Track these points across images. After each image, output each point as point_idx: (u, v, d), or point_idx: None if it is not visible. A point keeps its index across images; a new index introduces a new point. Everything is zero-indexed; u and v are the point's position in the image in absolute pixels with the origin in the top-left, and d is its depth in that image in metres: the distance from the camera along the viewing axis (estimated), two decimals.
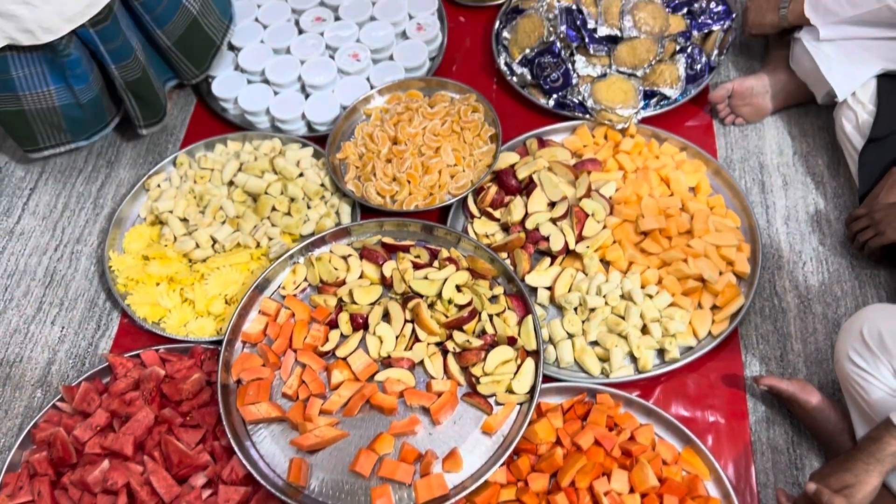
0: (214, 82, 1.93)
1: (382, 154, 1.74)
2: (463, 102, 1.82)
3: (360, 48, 1.93)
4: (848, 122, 1.58)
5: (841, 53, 1.57)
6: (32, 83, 1.61)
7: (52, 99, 1.65)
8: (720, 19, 1.82)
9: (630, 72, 1.77)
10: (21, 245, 1.79)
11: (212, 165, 1.79)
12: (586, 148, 1.75)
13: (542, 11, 1.86)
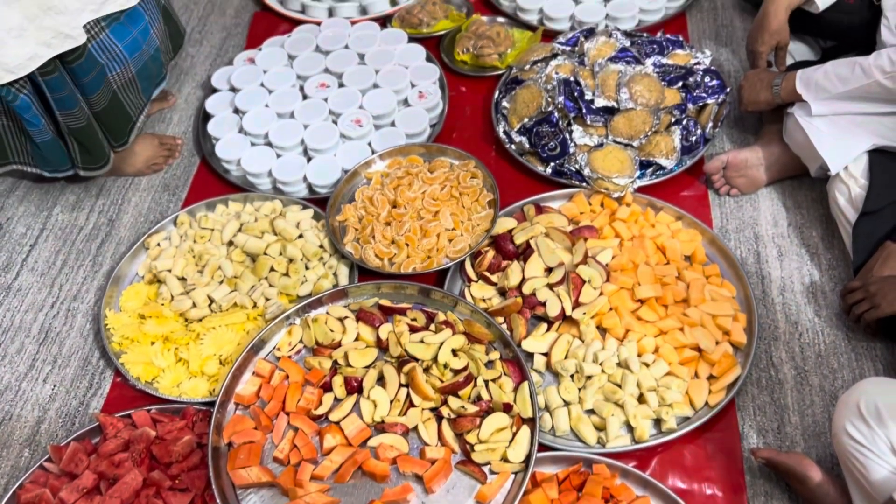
0: (218, 144, 1.96)
1: (382, 217, 1.76)
2: (462, 168, 1.84)
3: (363, 114, 1.97)
4: (841, 195, 1.61)
5: (833, 128, 1.61)
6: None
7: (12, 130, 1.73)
8: (714, 93, 1.86)
9: (626, 142, 1.81)
10: (18, 301, 1.79)
11: (212, 225, 1.80)
12: (583, 215, 1.77)
13: (541, 83, 1.91)
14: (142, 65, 1.83)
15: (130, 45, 1.77)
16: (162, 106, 2.20)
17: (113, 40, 1.73)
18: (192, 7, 2.52)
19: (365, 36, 2.18)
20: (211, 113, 2.05)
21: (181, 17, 2.47)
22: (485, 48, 2.14)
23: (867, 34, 1.71)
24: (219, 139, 1.98)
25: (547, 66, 1.95)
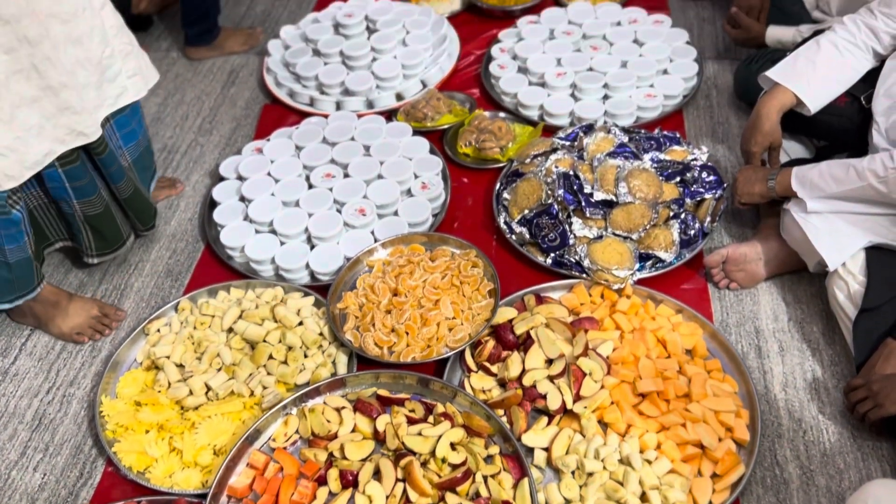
0: (223, 231, 1.99)
1: (382, 305, 1.77)
2: (463, 257, 1.86)
3: (367, 203, 2.01)
4: (840, 291, 1.61)
5: (829, 225, 1.63)
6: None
7: (4, 255, 1.64)
8: (712, 188, 1.90)
9: (625, 235, 1.83)
10: (14, 386, 1.78)
11: (213, 312, 1.81)
12: (583, 306, 1.78)
13: (541, 176, 1.95)
14: (137, 155, 1.89)
15: (128, 136, 1.83)
16: (170, 193, 2.24)
17: (115, 130, 1.79)
18: (204, 98, 2.61)
19: (371, 129, 2.24)
20: (217, 200, 2.09)
21: (193, 107, 2.56)
22: (487, 142, 2.19)
23: (859, 136, 1.76)
24: (224, 226, 2.01)
25: (547, 160, 1.99)
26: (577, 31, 2.49)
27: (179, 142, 2.44)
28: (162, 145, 2.43)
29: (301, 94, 2.47)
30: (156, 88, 2.63)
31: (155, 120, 2.53)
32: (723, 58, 2.51)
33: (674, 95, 2.28)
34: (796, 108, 1.79)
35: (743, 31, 2.26)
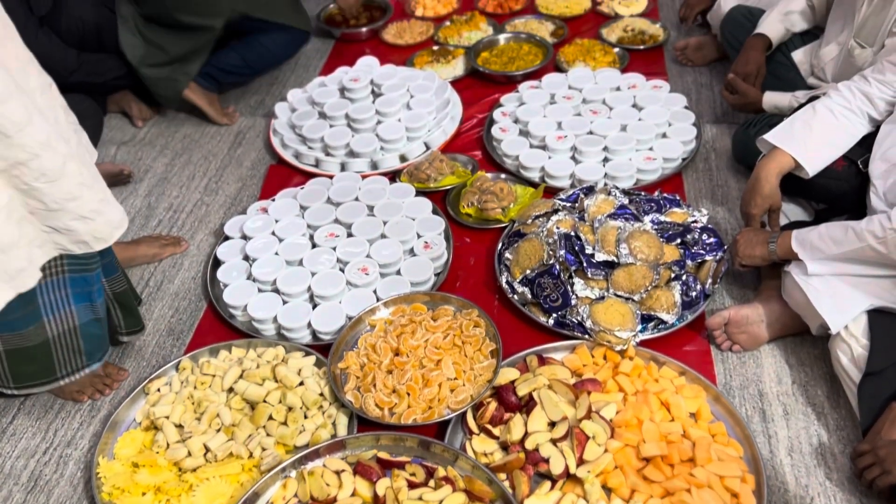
0: (226, 290, 2.00)
1: (384, 365, 1.76)
2: (465, 317, 1.86)
3: (370, 263, 2.02)
4: (843, 354, 1.61)
5: (830, 288, 1.63)
6: (57, 306, 1.63)
7: (73, 319, 1.67)
8: (713, 250, 1.91)
9: (627, 296, 1.83)
10: (10, 446, 1.76)
11: (214, 371, 1.80)
12: (586, 367, 1.77)
13: (543, 236, 1.96)
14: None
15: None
16: (174, 251, 2.26)
17: None
18: (211, 159, 2.65)
19: (375, 189, 2.27)
20: (221, 259, 2.10)
21: (200, 167, 2.60)
22: (489, 202, 2.22)
23: (857, 199, 1.78)
24: (227, 285, 2.02)
25: (548, 221, 2.01)
26: (577, 96, 2.55)
27: (185, 201, 2.47)
28: (168, 204, 2.46)
29: (307, 155, 2.51)
30: (163, 149, 2.71)
31: (162, 180, 2.57)
32: (721, 122, 2.56)
33: (673, 158, 2.32)
34: (795, 171, 1.81)
35: (740, 96, 2.31)
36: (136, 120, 2.83)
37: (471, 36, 3.06)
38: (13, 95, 1.34)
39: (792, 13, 2.33)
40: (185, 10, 2.59)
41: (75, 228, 1.51)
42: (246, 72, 2.82)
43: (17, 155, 1.37)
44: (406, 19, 3.26)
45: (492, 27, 3.13)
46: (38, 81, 1.48)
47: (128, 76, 2.69)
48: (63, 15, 2.53)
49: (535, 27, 3.06)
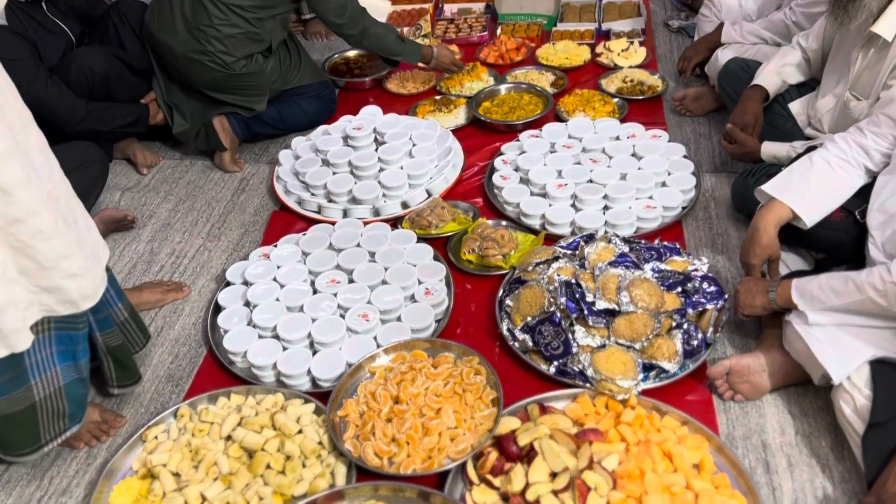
0: (226, 336, 1.99)
1: (383, 413, 1.74)
2: (466, 364, 1.85)
3: (370, 309, 2.02)
4: (846, 405, 1.59)
5: (832, 338, 1.63)
6: (43, 366, 1.60)
7: (59, 379, 1.64)
8: (713, 299, 1.91)
9: (628, 344, 1.83)
10: (5, 494, 1.73)
11: (212, 419, 1.79)
12: (587, 417, 1.75)
13: (543, 283, 1.97)
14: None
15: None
16: (176, 296, 2.26)
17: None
18: (214, 205, 2.68)
19: (376, 236, 2.29)
20: (222, 305, 2.11)
21: (203, 213, 2.62)
22: (489, 249, 2.23)
23: (856, 249, 1.79)
24: (228, 331, 2.01)
25: (549, 268, 2.02)
26: (577, 145, 2.58)
27: (188, 247, 2.48)
28: (171, 250, 2.47)
29: (309, 201, 2.53)
30: (167, 195, 2.73)
31: (165, 226, 2.59)
32: (720, 171, 2.58)
33: (673, 207, 2.34)
34: (793, 221, 1.83)
35: (739, 146, 2.34)
36: (140, 167, 2.86)
37: (472, 86, 3.11)
38: (14, 154, 1.36)
39: (788, 66, 2.38)
40: (230, 93, 2.73)
41: (65, 287, 1.51)
42: (280, 126, 2.91)
43: (16, 213, 1.38)
44: (409, 69, 3.32)
45: (493, 77, 3.19)
46: (36, 140, 1.50)
47: (134, 124, 2.74)
48: (73, 65, 2.59)
49: (535, 77, 3.12)
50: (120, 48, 2.79)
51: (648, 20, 3.50)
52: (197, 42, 2.63)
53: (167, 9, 2.67)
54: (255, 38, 2.69)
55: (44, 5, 2.61)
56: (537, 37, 3.46)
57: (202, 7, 2.60)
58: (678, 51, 3.22)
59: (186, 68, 2.70)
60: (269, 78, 2.78)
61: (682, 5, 3.57)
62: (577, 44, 3.30)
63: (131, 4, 2.87)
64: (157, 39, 2.70)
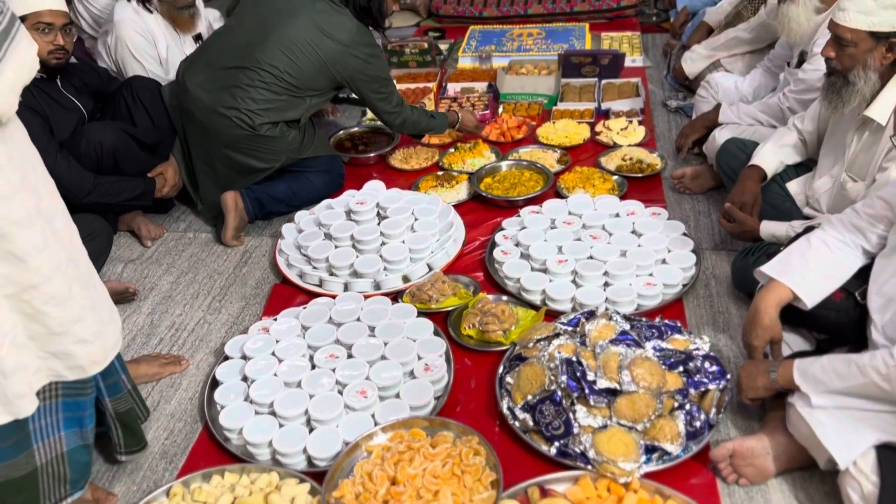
0: (223, 412, 1.97)
1: (380, 494, 1.70)
2: (465, 444, 1.82)
3: (369, 385, 2.00)
4: (853, 491, 1.55)
5: (836, 421, 1.60)
6: (47, 431, 1.60)
7: (62, 445, 1.63)
8: (715, 379, 1.89)
9: (630, 425, 1.80)
10: None
11: (205, 498, 1.75)
12: (589, 500, 1.71)
13: (544, 360, 1.95)
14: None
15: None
16: (174, 370, 2.25)
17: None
18: (216, 277, 2.69)
19: (377, 310, 2.29)
20: (220, 380, 2.09)
21: (205, 286, 2.63)
22: (490, 325, 2.22)
23: (857, 330, 1.78)
24: (224, 406, 1.99)
25: (550, 345, 2.01)
26: (577, 221, 2.60)
27: (188, 319, 2.48)
28: (171, 323, 2.47)
29: (311, 275, 2.54)
30: (169, 267, 2.75)
31: (166, 298, 2.59)
32: (720, 249, 2.60)
33: (673, 284, 2.34)
34: (793, 302, 1.82)
35: (738, 224, 2.36)
36: (144, 240, 2.89)
37: (474, 162, 3.17)
38: (34, 221, 1.38)
39: (785, 146, 2.42)
40: (247, 154, 2.78)
41: (74, 352, 1.51)
42: (293, 203, 2.94)
43: (31, 279, 1.39)
44: (412, 145, 3.39)
45: (494, 154, 3.24)
46: (60, 205, 1.53)
47: (140, 198, 2.78)
48: (83, 139, 2.64)
49: (539, 156, 3.17)
50: (130, 123, 2.86)
51: (647, 100, 3.58)
52: (231, 98, 2.69)
53: (203, 63, 2.75)
54: (289, 108, 2.77)
55: (58, 82, 2.69)
56: (538, 115, 3.54)
57: (250, 70, 2.67)
58: (676, 130, 3.29)
59: (209, 122, 2.74)
60: (288, 146, 2.84)
61: (680, 86, 3.66)
62: (577, 122, 3.37)
63: (144, 81, 2.96)
64: (186, 89, 2.75)
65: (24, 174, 1.40)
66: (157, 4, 3.14)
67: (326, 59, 2.71)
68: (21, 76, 1.35)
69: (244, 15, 2.75)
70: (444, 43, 4.36)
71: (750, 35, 3.23)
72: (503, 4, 4.65)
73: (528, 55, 4.09)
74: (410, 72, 4.04)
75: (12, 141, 1.40)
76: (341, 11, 2.73)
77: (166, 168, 2.89)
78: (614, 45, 4.16)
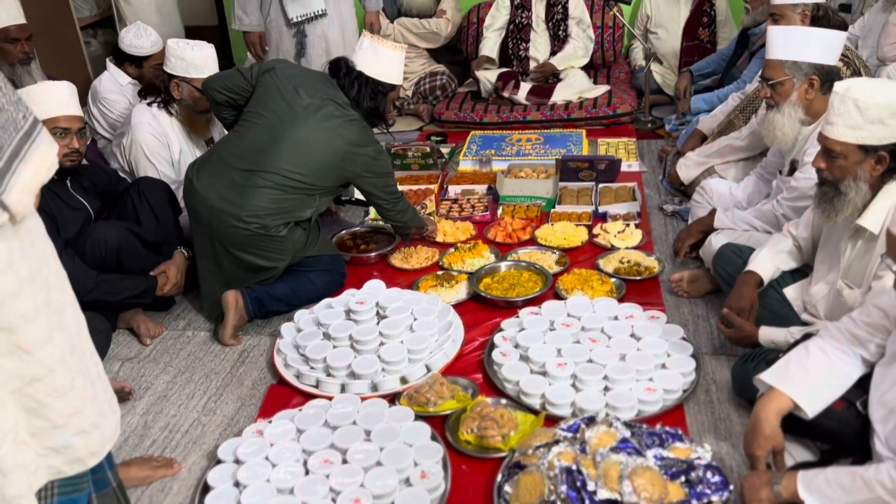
0: None
1: None
2: None
3: (363, 493, 1.95)
4: None
5: None
6: None
7: None
8: (718, 490, 1.84)
9: None
10: None
11: None
12: None
13: (543, 469, 1.91)
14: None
15: None
16: (165, 473, 2.20)
17: None
18: (213, 377, 2.67)
19: (373, 413, 2.25)
20: (211, 485, 2.04)
21: (201, 385, 2.61)
22: (488, 430, 2.19)
23: (860, 440, 1.76)
24: None
25: (549, 452, 1.96)
26: (576, 324, 2.60)
27: (182, 421, 2.44)
28: (165, 423, 2.43)
29: (308, 375, 2.52)
30: (166, 367, 2.73)
31: (161, 398, 2.56)
32: (720, 354, 2.58)
33: (673, 390, 2.31)
34: (794, 411, 1.80)
35: (736, 330, 2.36)
36: (143, 338, 2.88)
37: (474, 262, 3.20)
38: (40, 314, 1.39)
39: (780, 252, 2.45)
40: (254, 254, 2.83)
41: (74, 444, 1.49)
42: (293, 302, 2.95)
43: (36, 371, 1.39)
44: (413, 246, 3.43)
45: (494, 255, 3.28)
46: (70, 297, 1.54)
47: (141, 296, 2.80)
48: (89, 238, 2.69)
49: (538, 257, 3.20)
50: (136, 222, 2.91)
51: (643, 204, 3.66)
52: (241, 198, 2.75)
53: (213, 166, 2.82)
54: (299, 209, 2.84)
55: (68, 182, 2.77)
56: (536, 217, 3.60)
57: (263, 172, 2.75)
58: (673, 233, 3.33)
59: (217, 222, 2.78)
60: (294, 245, 2.89)
61: (676, 191, 3.74)
62: (575, 225, 3.43)
63: (151, 182, 3.04)
64: (194, 189, 2.81)
65: (36, 268, 1.43)
66: (176, 108, 3.25)
67: (337, 159, 2.81)
68: (39, 177, 1.39)
69: (254, 119, 2.85)
70: (446, 147, 4.49)
71: (742, 143, 3.33)
72: (503, 111, 4.81)
73: (526, 159, 4.20)
74: (413, 174, 4.14)
75: (28, 236, 1.43)
76: (349, 114, 2.85)
77: (169, 266, 2.91)
78: (610, 150, 4.28)
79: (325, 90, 2.86)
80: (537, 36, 5.07)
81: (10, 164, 1.34)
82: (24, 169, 1.35)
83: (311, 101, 2.81)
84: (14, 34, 3.52)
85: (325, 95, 2.84)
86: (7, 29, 3.50)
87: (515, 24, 5.09)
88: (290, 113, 2.80)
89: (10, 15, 3.51)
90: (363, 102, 2.90)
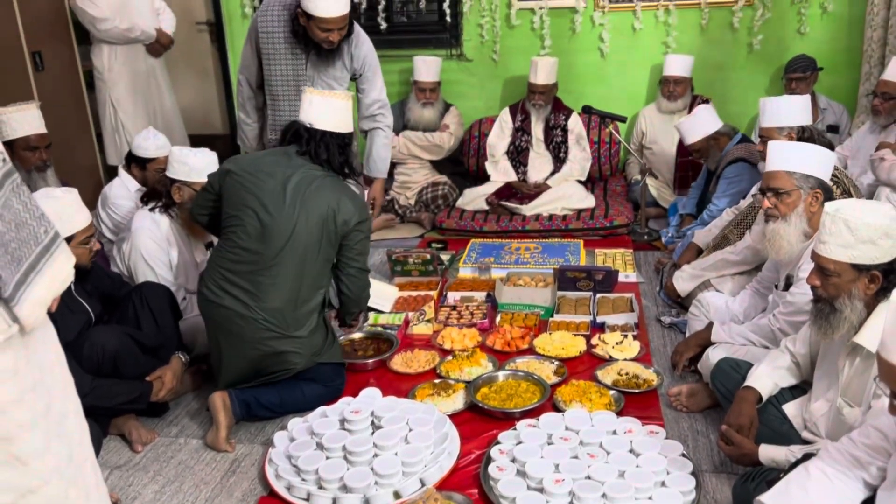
0: None
1: None
2: None
3: None
4: None
5: None
6: None
7: None
8: None
9: None
10: None
11: None
12: None
13: None
14: None
15: None
16: None
17: None
18: (202, 487, 2.60)
19: None
20: None
21: (189, 496, 2.54)
22: None
23: None
24: None
25: None
26: (574, 438, 2.56)
27: None
28: None
29: (299, 488, 2.46)
30: (155, 476, 2.67)
31: None
32: (720, 471, 2.53)
33: None
34: None
35: (735, 447, 2.32)
36: (135, 445, 2.83)
37: (471, 371, 3.18)
38: (39, 422, 1.39)
39: (779, 369, 2.44)
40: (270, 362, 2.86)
41: None
42: (278, 410, 2.93)
43: (30, 483, 1.37)
44: (411, 350, 3.42)
45: (491, 363, 3.26)
46: (74, 405, 1.53)
47: (135, 402, 2.77)
48: (87, 342, 2.69)
49: (536, 367, 3.19)
50: (136, 327, 2.92)
51: (641, 315, 3.67)
52: (254, 300, 2.79)
53: (218, 274, 2.83)
54: (312, 289, 2.88)
55: (72, 286, 2.80)
56: (535, 326, 3.61)
57: (271, 268, 2.78)
58: (671, 345, 3.33)
59: (237, 327, 2.80)
60: (311, 349, 2.90)
61: (673, 302, 3.76)
62: (573, 335, 3.43)
63: (154, 287, 3.07)
64: (209, 301, 2.84)
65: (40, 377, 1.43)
66: (177, 211, 3.32)
67: (329, 219, 2.82)
68: (53, 289, 1.43)
69: (234, 223, 2.84)
70: (446, 254, 4.55)
71: (737, 258, 3.39)
72: (502, 220, 4.91)
73: (525, 268, 4.25)
74: (413, 280, 4.17)
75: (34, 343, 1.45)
76: (339, 186, 2.89)
77: (165, 372, 2.90)
78: (608, 260, 4.34)
79: (288, 163, 2.85)
80: (537, 156, 5.25)
81: (26, 276, 1.37)
82: (38, 281, 1.38)
83: (278, 181, 2.80)
84: (34, 143, 3.67)
85: (290, 169, 2.82)
86: (28, 138, 3.65)
87: (515, 146, 5.29)
88: (270, 200, 2.79)
89: (31, 125, 3.67)
90: (334, 160, 2.90)
